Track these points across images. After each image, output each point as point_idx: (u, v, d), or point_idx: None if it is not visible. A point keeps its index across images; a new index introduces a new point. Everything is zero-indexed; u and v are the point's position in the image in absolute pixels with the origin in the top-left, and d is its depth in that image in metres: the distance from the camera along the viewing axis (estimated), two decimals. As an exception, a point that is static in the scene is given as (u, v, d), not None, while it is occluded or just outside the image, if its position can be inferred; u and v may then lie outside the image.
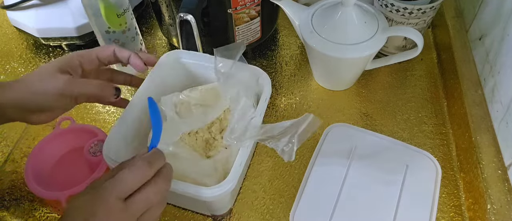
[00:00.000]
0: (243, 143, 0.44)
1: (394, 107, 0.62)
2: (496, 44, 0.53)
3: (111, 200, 0.33)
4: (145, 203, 0.35)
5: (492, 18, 0.56)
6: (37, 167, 0.52)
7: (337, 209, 0.49)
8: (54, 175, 0.54)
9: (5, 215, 0.52)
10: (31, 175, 0.51)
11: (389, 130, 0.59)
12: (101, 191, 0.33)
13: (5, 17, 0.75)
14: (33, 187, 0.49)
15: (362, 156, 0.53)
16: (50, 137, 0.55)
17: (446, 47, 0.66)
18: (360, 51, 0.55)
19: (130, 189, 0.34)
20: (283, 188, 0.53)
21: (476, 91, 0.56)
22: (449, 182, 0.53)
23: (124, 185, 0.34)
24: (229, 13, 0.59)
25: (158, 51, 0.73)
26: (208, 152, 0.51)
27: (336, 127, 0.57)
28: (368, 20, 0.57)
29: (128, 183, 0.34)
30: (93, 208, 0.33)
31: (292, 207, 0.50)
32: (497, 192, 0.46)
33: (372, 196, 0.50)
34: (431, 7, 0.59)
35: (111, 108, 0.63)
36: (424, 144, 0.57)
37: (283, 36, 0.74)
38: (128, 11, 0.60)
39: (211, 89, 0.53)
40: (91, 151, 0.53)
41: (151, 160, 0.36)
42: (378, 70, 0.66)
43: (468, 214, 0.50)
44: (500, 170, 0.48)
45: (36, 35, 0.70)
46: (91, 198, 0.33)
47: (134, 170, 0.35)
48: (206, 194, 0.40)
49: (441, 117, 0.61)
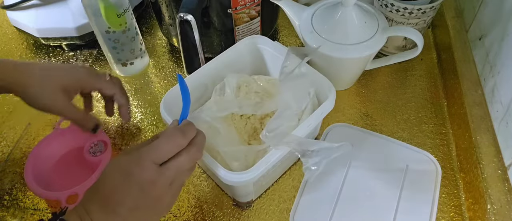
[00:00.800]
0: (277, 146, 0.44)
1: (394, 107, 0.62)
2: (496, 44, 0.53)
3: (146, 164, 0.36)
4: (177, 169, 0.37)
5: (492, 18, 0.56)
6: (37, 167, 0.52)
7: (337, 209, 0.49)
8: (54, 175, 0.54)
9: (5, 215, 0.52)
10: (31, 175, 0.50)
11: (389, 130, 0.59)
12: (138, 154, 0.36)
13: (5, 17, 0.75)
14: (33, 187, 0.49)
15: (362, 156, 0.54)
16: (50, 137, 0.55)
17: (446, 47, 0.66)
18: (360, 51, 0.55)
19: (165, 156, 0.37)
20: (283, 187, 0.53)
21: (476, 91, 0.56)
22: (449, 182, 0.53)
23: (160, 152, 0.37)
24: (229, 13, 0.59)
25: (158, 51, 0.73)
26: (251, 140, 0.51)
27: (336, 127, 0.58)
28: (368, 20, 0.57)
29: (164, 150, 0.37)
30: (130, 167, 0.36)
31: (292, 207, 0.50)
32: (497, 192, 0.46)
33: (372, 196, 0.50)
34: (431, 7, 0.59)
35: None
36: (424, 144, 0.57)
37: (283, 36, 0.74)
38: (128, 11, 0.60)
39: (276, 82, 0.54)
40: (91, 151, 0.53)
41: (184, 130, 0.38)
42: (378, 70, 0.66)
43: (468, 214, 0.50)
44: (500, 170, 0.48)
45: (36, 35, 0.70)
46: (129, 159, 0.36)
47: (170, 139, 0.37)
48: (223, 175, 0.42)
49: (441, 117, 0.61)
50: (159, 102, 0.64)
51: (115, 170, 0.37)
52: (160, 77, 0.68)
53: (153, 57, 0.72)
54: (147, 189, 0.36)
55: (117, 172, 0.36)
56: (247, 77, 0.55)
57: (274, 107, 0.51)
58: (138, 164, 0.36)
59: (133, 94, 0.66)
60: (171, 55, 0.72)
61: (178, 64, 0.70)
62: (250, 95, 0.54)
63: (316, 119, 0.47)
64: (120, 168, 0.36)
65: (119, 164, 0.37)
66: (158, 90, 0.66)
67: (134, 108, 0.63)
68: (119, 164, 0.37)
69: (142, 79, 0.68)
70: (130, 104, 0.56)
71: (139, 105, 0.64)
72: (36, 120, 0.62)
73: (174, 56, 0.72)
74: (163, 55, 0.72)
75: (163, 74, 0.69)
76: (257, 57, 0.59)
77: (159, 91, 0.66)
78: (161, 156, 0.37)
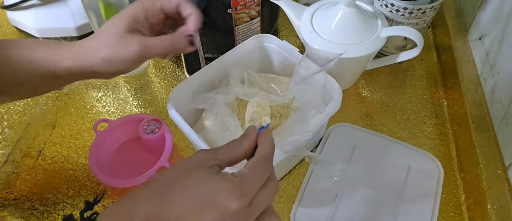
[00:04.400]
0: (287, 153, 0.44)
1: (394, 107, 0.62)
2: (496, 44, 0.53)
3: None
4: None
5: (492, 18, 0.56)
6: (99, 160, 0.52)
7: (338, 209, 0.49)
8: (117, 168, 0.54)
9: (5, 215, 0.52)
10: (97, 167, 0.50)
11: (389, 130, 0.59)
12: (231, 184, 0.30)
13: (5, 17, 0.75)
14: (105, 179, 0.49)
15: (363, 156, 0.54)
16: (104, 135, 0.54)
17: (446, 47, 0.66)
18: (360, 51, 0.55)
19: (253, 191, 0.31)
20: (283, 188, 0.53)
21: (476, 91, 0.56)
22: (449, 182, 0.53)
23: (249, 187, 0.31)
24: (229, 13, 0.59)
25: (158, 51, 0.73)
26: None
27: (338, 127, 0.58)
28: (368, 20, 0.57)
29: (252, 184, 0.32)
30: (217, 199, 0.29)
31: (293, 207, 0.50)
32: (497, 192, 0.46)
33: (373, 196, 0.50)
34: (431, 7, 0.59)
35: (111, 108, 0.63)
36: (424, 144, 0.57)
37: (283, 36, 0.74)
38: (128, 11, 0.60)
39: (284, 82, 0.54)
40: (148, 131, 0.53)
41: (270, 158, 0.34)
42: (378, 70, 0.66)
43: (468, 214, 0.50)
44: (500, 170, 0.48)
45: (36, 35, 0.70)
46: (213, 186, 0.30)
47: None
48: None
49: (441, 117, 0.61)
50: (159, 102, 0.64)
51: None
52: (160, 77, 0.68)
53: (153, 57, 0.72)
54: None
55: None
56: (252, 73, 0.55)
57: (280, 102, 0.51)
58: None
59: (133, 94, 0.66)
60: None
61: (178, 64, 0.70)
62: (256, 91, 0.54)
63: (322, 120, 0.47)
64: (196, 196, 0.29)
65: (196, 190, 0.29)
66: (158, 90, 0.66)
67: (134, 108, 0.63)
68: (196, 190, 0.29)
69: (142, 79, 0.68)
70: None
71: (139, 105, 0.64)
72: (36, 120, 0.62)
73: (174, 56, 0.72)
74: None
75: (163, 74, 0.69)
76: (264, 55, 0.59)
77: (159, 91, 0.66)
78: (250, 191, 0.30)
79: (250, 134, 0.35)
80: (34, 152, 0.58)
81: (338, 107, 0.48)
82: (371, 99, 0.63)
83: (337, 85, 0.50)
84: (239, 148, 0.34)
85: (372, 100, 0.63)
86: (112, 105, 0.64)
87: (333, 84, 0.50)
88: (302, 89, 0.48)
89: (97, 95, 0.65)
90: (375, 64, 0.62)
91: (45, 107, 0.63)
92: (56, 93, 0.65)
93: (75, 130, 0.60)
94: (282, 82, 0.55)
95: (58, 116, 0.62)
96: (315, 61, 0.55)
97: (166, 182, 0.30)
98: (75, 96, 0.65)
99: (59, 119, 0.62)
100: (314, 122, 0.46)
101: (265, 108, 0.44)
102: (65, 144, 0.59)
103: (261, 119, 0.42)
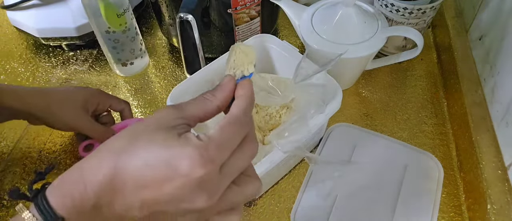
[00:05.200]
0: (287, 152, 0.44)
1: (394, 107, 0.62)
2: (496, 44, 0.53)
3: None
4: None
5: (492, 18, 0.56)
6: None
7: (338, 209, 0.49)
8: None
9: (5, 215, 0.52)
10: None
11: (389, 130, 0.59)
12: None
13: (5, 17, 0.75)
14: None
15: (363, 156, 0.54)
16: None
17: (446, 47, 0.66)
18: (360, 51, 0.55)
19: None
20: (283, 188, 0.53)
21: (476, 91, 0.56)
22: (449, 182, 0.53)
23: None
24: (229, 13, 0.59)
25: (158, 51, 0.73)
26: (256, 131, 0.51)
27: (338, 127, 0.58)
28: (368, 20, 0.57)
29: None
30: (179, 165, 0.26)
31: (293, 207, 0.50)
32: (497, 192, 0.46)
33: (373, 196, 0.50)
34: (431, 7, 0.59)
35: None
36: (424, 144, 0.57)
37: (283, 36, 0.74)
38: (128, 11, 0.60)
39: (284, 81, 0.54)
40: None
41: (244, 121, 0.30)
42: (378, 70, 0.66)
43: (468, 214, 0.50)
44: (500, 170, 0.48)
45: (36, 35, 0.70)
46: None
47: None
48: None
49: (441, 117, 0.61)
50: (159, 102, 0.64)
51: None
52: (160, 77, 0.68)
53: (153, 57, 0.72)
54: None
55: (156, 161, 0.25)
56: None
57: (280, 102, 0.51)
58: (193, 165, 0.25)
59: (133, 94, 0.66)
60: (171, 55, 0.72)
61: (178, 64, 0.70)
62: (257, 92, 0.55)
63: (322, 120, 0.47)
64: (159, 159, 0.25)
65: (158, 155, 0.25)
66: (158, 90, 0.66)
67: (134, 108, 0.63)
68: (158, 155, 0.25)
69: (142, 79, 0.68)
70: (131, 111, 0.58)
71: (139, 105, 0.64)
72: (36, 120, 0.62)
73: (174, 56, 0.72)
74: (163, 55, 0.72)
75: (163, 74, 0.69)
76: (265, 55, 0.59)
77: (159, 91, 0.66)
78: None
79: (226, 84, 0.30)
80: (34, 152, 0.58)
81: (338, 107, 0.48)
82: (371, 99, 0.63)
83: (337, 85, 0.50)
84: (211, 101, 0.29)
85: (372, 100, 0.63)
86: (112, 105, 0.64)
87: (333, 84, 0.50)
88: (302, 89, 0.48)
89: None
90: (375, 64, 0.62)
91: (45, 107, 0.63)
92: (56, 93, 0.65)
93: (75, 130, 0.60)
94: (282, 82, 0.55)
95: (58, 116, 0.62)
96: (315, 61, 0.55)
97: (118, 147, 0.26)
98: (75, 96, 0.65)
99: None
100: (314, 122, 0.46)
101: (249, 55, 0.36)
102: (65, 144, 0.59)
103: (243, 67, 0.35)
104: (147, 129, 0.26)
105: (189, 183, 0.25)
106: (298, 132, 0.44)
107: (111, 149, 0.26)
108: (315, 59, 0.51)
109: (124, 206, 0.26)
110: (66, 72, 0.70)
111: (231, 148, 0.27)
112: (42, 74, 0.70)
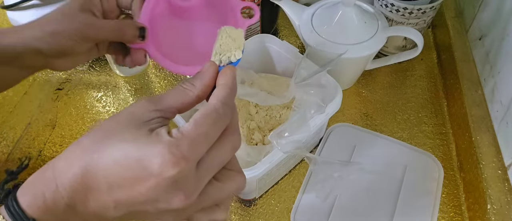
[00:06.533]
0: (287, 152, 0.44)
1: (394, 107, 0.62)
2: (496, 44, 0.53)
3: None
4: None
5: (492, 18, 0.56)
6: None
7: (338, 209, 0.49)
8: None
9: (5, 215, 0.52)
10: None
11: (389, 130, 0.59)
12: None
13: (5, 17, 0.75)
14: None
15: (363, 156, 0.54)
16: None
17: (446, 47, 0.66)
18: (360, 51, 0.55)
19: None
20: (283, 188, 0.53)
21: (476, 91, 0.56)
22: (449, 182, 0.53)
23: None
24: (229, 13, 0.59)
25: (158, 51, 0.73)
26: (251, 141, 0.52)
27: (338, 127, 0.58)
28: (368, 20, 0.57)
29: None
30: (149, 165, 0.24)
31: (293, 206, 0.50)
32: (497, 192, 0.46)
33: (373, 196, 0.50)
34: (431, 7, 0.59)
35: (111, 108, 0.63)
36: (424, 144, 0.57)
37: (283, 36, 0.74)
38: (128, 11, 0.60)
39: (284, 81, 0.54)
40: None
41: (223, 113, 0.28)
42: (378, 70, 0.66)
43: (468, 214, 0.50)
44: (500, 170, 0.48)
45: (36, 35, 0.70)
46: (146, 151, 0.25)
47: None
48: None
49: (441, 117, 0.61)
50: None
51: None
52: (160, 77, 0.68)
53: (153, 57, 0.72)
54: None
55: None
56: (252, 73, 0.55)
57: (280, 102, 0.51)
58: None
59: (133, 94, 0.66)
60: (171, 55, 0.72)
61: (178, 64, 0.70)
62: (256, 92, 0.55)
63: (322, 120, 0.47)
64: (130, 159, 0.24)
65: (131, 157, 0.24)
66: (158, 90, 0.66)
67: (134, 108, 0.63)
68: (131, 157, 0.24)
69: (142, 79, 0.68)
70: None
71: (139, 105, 0.64)
72: (36, 120, 0.62)
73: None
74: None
75: (163, 74, 0.69)
76: (265, 55, 0.59)
77: (159, 91, 0.66)
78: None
79: (205, 72, 0.28)
80: (34, 152, 0.58)
81: (338, 107, 0.48)
82: (371, 99, 0.63)
83: (337, 85, 0.50)
84: (190, 91, 0.28)
85: (372, 100, 0.63)
86: (112, 105, 0.64)
87: (333, 84, 0.50)
88: (302, 89, 0.48)
89: (97, 95, 0.65)
90: (375, 64, 0.62)
91: (45, 107, 0.63)
92: (56, 93, 0.65)
93: (75, 130, 0.60)
94: (282, 82, 0.55)
95: (58, 116, 0.62)
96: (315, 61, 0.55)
97: (90, 146, 0.25)
98: (75, 96, 0.65)
99: (59, 119, 0.62)
100: (314, 122, 0.46)
101: (236, 40, 0.33)
102: (65, 144, 0.59)
103: (230, 53, 0.32)
104: (118, 126, 0.25)
105: (162, 183, 0.23)
106: (298, 132, 0.44)
107: (83, 147, 0.25)
108: (315, 59, 0.51)
109: (98, 205, 0.25)
110: (66, 72, 0.70)
111: (208, 142, 0.25)
112: (42, 74, 0.70)
